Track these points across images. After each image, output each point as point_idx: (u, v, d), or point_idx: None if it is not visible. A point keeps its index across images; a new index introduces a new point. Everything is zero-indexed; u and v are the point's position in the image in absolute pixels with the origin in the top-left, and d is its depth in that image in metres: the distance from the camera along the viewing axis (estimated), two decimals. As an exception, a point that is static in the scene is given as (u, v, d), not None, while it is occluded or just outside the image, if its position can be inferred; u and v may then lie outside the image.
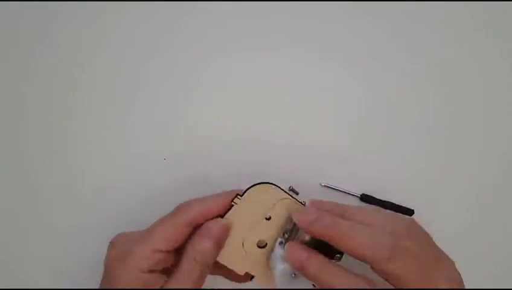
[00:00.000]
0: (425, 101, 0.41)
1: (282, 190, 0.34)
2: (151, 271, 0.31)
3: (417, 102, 0.41)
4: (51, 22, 0.40)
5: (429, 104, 0.41)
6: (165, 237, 0.31)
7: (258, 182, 0.33)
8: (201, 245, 0.31)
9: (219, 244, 0.32)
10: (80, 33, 0.40)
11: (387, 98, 0.41)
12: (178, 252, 0.32)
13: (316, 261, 0.31)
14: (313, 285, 0.32)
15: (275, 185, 0.34)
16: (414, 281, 0.29)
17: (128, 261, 0.30)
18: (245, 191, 0.33)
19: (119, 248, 0.31)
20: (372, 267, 0.30)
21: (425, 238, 0.32)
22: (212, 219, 0.32)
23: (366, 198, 0.40)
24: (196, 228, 0.32)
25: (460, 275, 0.31)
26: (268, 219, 0.34)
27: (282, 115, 0.40)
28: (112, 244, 0.32)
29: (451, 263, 0.32)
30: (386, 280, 0.30)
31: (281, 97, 0.41)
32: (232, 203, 0.33)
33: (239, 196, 0.33)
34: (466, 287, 0.30)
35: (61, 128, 0.40)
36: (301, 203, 0.35)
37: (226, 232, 0.32)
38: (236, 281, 0.35)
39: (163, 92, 0.40)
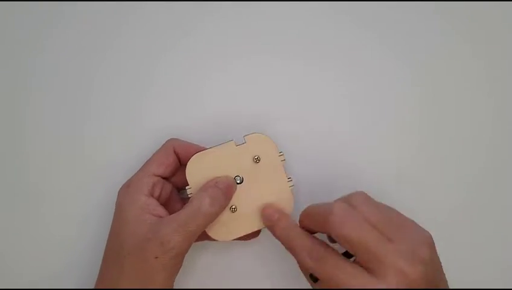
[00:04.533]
0: (412, 102, 0.41)
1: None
2: (150, 194, 0.35)
3: (405, 103, 0.41)
4: (54, 22, 0.40)
5: (417, 104, 0.41)
6: (157, 161, 0.36)
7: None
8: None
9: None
10: (84, 33, 0.40)
11: (379, 100, 0.41)
12: (169, 181, 0.37)
13: (282, 224, 0.34)
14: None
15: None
16: (365, 246, 0.29)
17: (131, 186, 0.35)
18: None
19: (125, 183, 0.36)
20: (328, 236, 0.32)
21: (386, 206, 0.32)
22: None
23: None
24: (181, 158, 0.37)
25: (430, 247, 0.30)
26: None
27: (282, 116, 0.41)
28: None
29: (424, 235, 0.31)
30: (342, 245, 0.30)
31: (281, 99, 0.41)
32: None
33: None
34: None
35: (64, 128, 0.40)
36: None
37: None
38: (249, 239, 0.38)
39: (164, 92, 0.40)
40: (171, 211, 0.35)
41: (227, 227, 0.35)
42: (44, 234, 0.40)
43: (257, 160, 0.35)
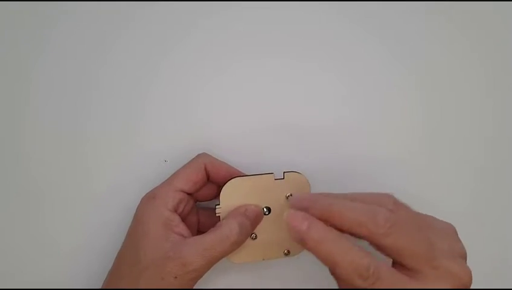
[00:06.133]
0: (414, 101, 0.42)
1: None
2: (174, 210, 0.34)
3: (406, 102, 0.42)
4: (54, 22, 0.40)
5: (419, 102, 0.42)
6: (186, 177, 0.35)
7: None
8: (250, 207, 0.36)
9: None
10: (85, 33, 0.40)
11: (380, 100, 0.41)
12: (194, 198, 0.37)
13: (316, 234, 0.28)
14: None
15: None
16: (415, 252, 0.28)
17: (156, 199, 0.34)
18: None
19: (149, 194, 0.36)
20: (370, 243, 0.29)
21: (410, 209, 0.32)
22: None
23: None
24: (210, 175, 0.36)
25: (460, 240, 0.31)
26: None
27: (282, 117, 0.41)
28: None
29: (450, 229, 0.32)
30: (386, 255, 0.29)
31: (282, 100, 0.41)
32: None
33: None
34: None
35: (64, 130, 0.40)
36: None
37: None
38: None
39: (164, 93, 0.40)
40: (187, 223, 0.35)
41: (244, 252, 0.36)
42: (44, 236, 0.40)
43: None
